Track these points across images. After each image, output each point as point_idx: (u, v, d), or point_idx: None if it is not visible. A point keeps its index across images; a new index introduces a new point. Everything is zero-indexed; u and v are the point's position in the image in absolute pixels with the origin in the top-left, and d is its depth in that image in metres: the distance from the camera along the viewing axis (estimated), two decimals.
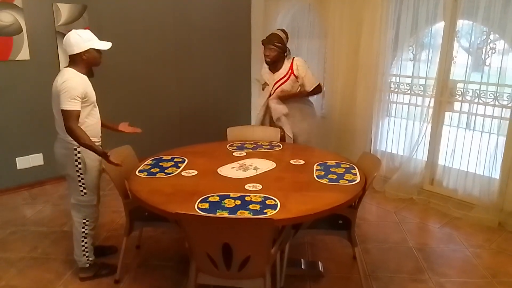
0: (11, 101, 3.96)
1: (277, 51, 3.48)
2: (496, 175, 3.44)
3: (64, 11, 4.05)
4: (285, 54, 3.57)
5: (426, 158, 3.93)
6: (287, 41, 3.59)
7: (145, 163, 2.73)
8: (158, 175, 2.52)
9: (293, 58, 3.57)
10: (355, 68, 4.21)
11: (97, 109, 2.59)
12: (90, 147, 2.36)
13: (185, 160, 2.77)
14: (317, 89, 3.61)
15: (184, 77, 5.00)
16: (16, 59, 3.88)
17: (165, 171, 2.58)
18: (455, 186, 3.75)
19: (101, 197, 2.77)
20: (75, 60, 2.43)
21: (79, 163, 2.48)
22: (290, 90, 3.59)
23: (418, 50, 3.83)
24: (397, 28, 3.87)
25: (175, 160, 2.78)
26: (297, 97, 3.63)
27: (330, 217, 2.40)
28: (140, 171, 2.58)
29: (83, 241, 2.62)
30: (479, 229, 3.36)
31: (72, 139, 2.36)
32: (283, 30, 3.60)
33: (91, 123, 2.50)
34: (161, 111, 4.91)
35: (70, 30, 2.44)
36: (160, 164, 2.70)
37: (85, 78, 2.47)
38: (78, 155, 2.46)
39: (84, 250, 2.63)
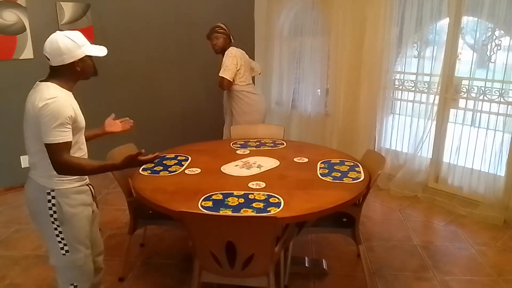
0: (15, 100, 3.96)
1: (222, 37, 3.58)
2: (502, 172, 3.42)
3: (68, 9, 4.06)
4: (231, 41, 3.64)
5: (431, 156, 3.91)
6: (229, 32, 3.67)
7: None
8: (161, 173, 2.52)
9: (230, 47, 3.61)
10: (359, 65, 4.19)
11: (83, 137, 1.95)
12: (104, 168, 1.84)
13: (188, 158, 2.76)
14: (220, 81, 3.59)
15: (187, 75, 4.99)
16: (20, 58, 3.89)
17: (169, 169, 2.58)
18: (460, 183, 3.72)
19: (105, 195, 2.73)
20: (61, 72, 1.84)
21: (54, 212, 1.82)
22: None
23: (422, 47, 3.80)
24: (401, 25, 3.85)
25: (178, 158, 2.78)
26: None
27: (334, 215, 2.39)
28: (143, 169, 2.57)
29: None
30: (485, 227, 3.34)
31: (71, 176, 1.81)
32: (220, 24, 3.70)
33: (79, 155, 1.87)
34: (164, 109, 4.91)
35: (70, 31, 1.94)
36: (164, 162, 2.70)
37: (70, 95, 1.85)
38: (52, 201, 1.80)
39: None
